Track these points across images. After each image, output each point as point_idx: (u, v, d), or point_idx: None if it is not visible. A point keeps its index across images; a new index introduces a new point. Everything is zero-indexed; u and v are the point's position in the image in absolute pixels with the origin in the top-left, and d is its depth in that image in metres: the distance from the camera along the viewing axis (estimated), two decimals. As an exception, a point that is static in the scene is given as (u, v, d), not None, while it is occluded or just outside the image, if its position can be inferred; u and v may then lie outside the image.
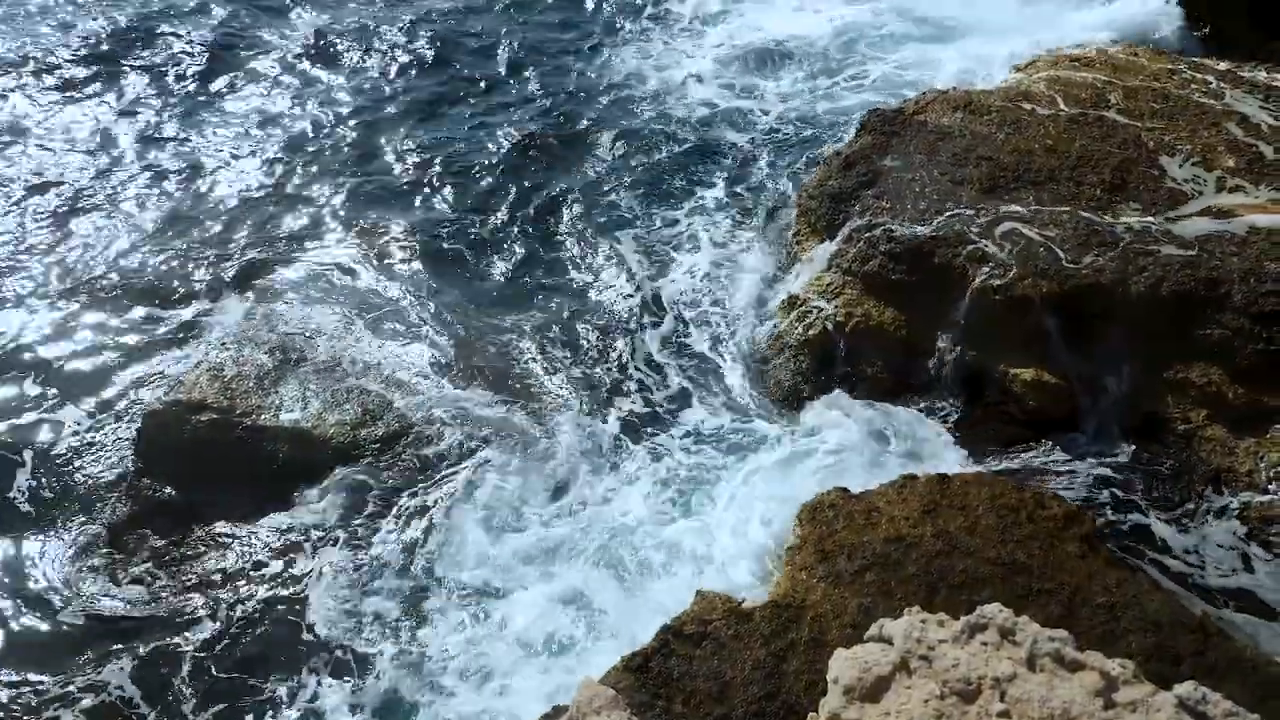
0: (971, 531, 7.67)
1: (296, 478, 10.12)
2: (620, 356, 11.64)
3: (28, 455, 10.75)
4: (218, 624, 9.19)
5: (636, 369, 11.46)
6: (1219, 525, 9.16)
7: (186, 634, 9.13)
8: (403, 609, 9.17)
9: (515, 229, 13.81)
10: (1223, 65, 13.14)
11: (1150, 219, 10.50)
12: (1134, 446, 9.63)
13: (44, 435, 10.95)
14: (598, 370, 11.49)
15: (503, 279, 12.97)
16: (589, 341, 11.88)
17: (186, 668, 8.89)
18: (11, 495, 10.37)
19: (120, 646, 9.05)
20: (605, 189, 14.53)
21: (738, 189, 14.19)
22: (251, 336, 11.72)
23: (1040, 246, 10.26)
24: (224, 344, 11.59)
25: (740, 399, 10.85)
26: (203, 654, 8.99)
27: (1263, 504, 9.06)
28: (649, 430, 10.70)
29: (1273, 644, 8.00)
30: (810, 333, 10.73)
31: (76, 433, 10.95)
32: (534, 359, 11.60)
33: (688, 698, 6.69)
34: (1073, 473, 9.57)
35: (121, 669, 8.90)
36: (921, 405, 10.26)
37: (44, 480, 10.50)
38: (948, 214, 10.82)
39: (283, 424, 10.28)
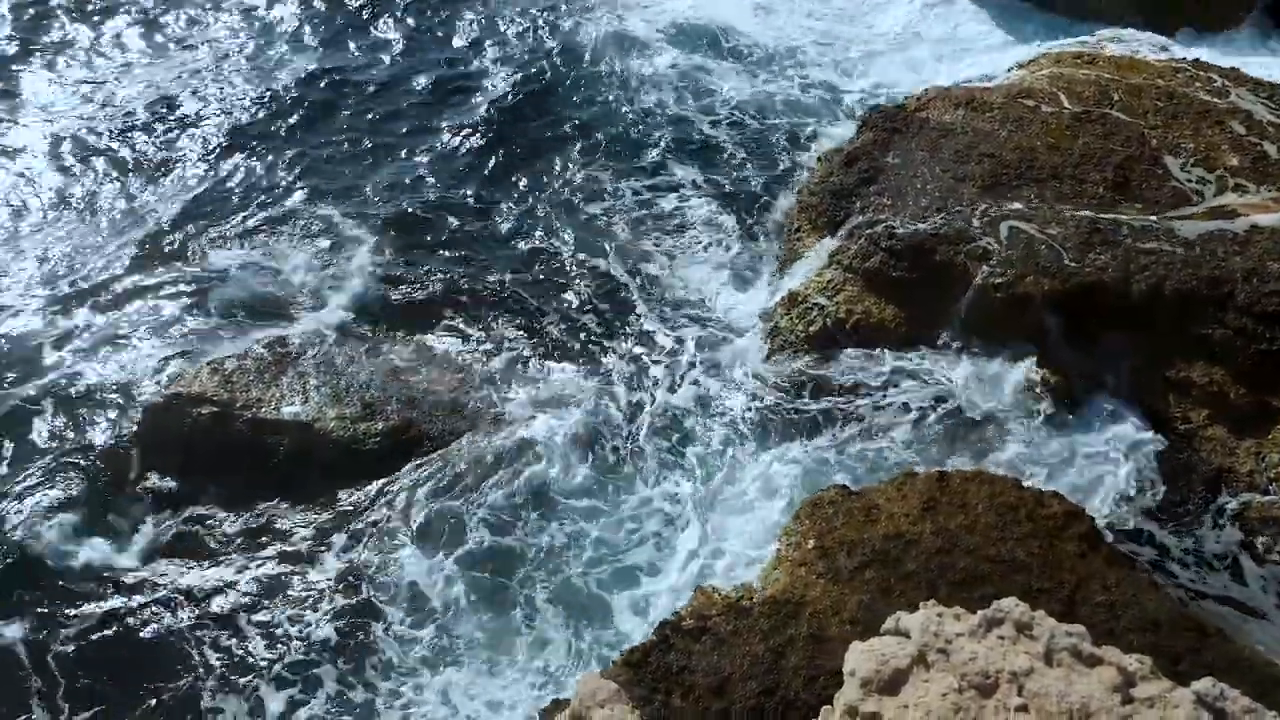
0: (971, 529, 7.67)
1: (296, 471, 10.12)
2: (619, 347, 11.66)
3: (31, 444, 10.76)
4: (211, 612, 9.26)
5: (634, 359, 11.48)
6: (1218, 525, 9.16)
7: (173, 621, 9.21)
8: (402, 606, 9.23)
9: (498, 221, 13.73)
10: (1227, 63, 13.13)
11: (1153, 218, 10.49)
12: (1132, 445, 9.61)
13: (48, 424, 10.95)
14: (597, 368, 11.49)
15: (489, 274, 12.85)
16: (586, 343, 11.86)
17: (169, 652, 8.98)
18: (13, 481, 10.39)
19: (109, 630, 9.13)
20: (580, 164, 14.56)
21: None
22: (251, 330, 11.78)
23: (1042, 244, 10.25)
24: (225, 338, 11.63)
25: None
26: (192, 639, 9.05)
27: (1263, 504, 9.06)
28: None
29: (1270, 644, 8.00)
30: (811, 329, 10.72)
31: (79, 423, 10.95)
32: (525, 355, 11.65)
33: (686, 692, 6.70)
34: (1070, 470, 9.56)
35: (103, 647, 9.03)
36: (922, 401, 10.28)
37: (46, 467, 10.50)
38: (949, 211, 10.81)
39: (283, 418, 10.28)
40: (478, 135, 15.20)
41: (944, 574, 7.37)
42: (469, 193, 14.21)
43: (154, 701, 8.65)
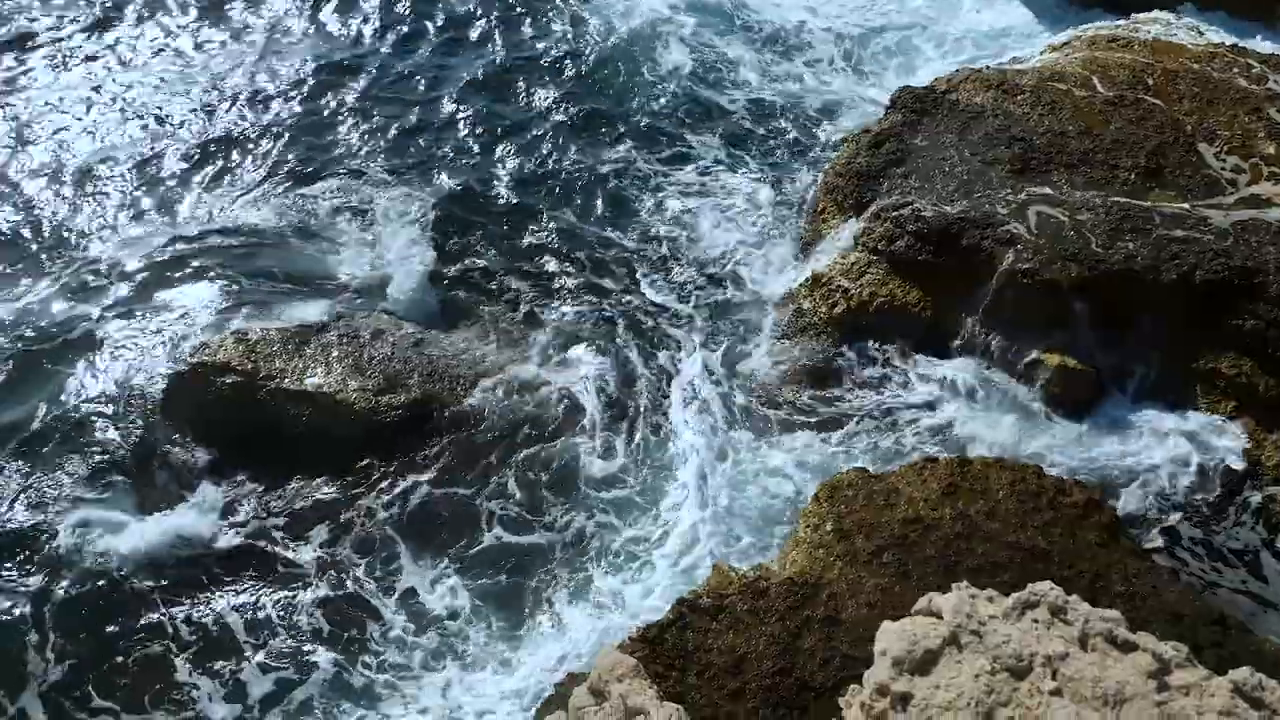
0: (991, 515, 7.64)
1: (317, 442, 10.17)
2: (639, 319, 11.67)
3: (60, 405, 10.88)
4: (225, 578, 9.40)
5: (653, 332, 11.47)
6: (1240, 520, 9.07)
7: (182, 582, 9.35)
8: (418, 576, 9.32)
9: (525, 195, 13.70)
10: (1267, 50, 12.89)
11: (1185, 205, 10.34)
12: (1158, 436, 9.52)
13: (74, 387, 11.07)
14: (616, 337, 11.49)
15: (516, 243, 12.89)
16: (608, 318, 11.85)
17: (179, 612, 9.10)
18: (39, 442, 10.51)
19: (119, 596, 9.24)
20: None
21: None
22: (277, 302, 11.85)
23: (1071, 230, 10.13)
24: (250, 309, 11.70)
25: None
26: (204, 605, 9.18)
27: (1288, 497, 8.97)
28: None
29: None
30: (834, 311, 10.66)
31: (105, 387, 11.07)
32: (549, 326, 11.68)
33: (702, 670, 6.71)
34: (1093, 460, 9.48)
35: (108, 609, 9.15)
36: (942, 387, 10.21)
37: (73, 428, 10.62)
38: (977, 195, 10.70)
39: (306, 389, 10.32)
40: (511, 112, 15.16)
41: (963, 559, 7.35)
42: (500, 169, 14.18)
43: (159, 660, 8.79)
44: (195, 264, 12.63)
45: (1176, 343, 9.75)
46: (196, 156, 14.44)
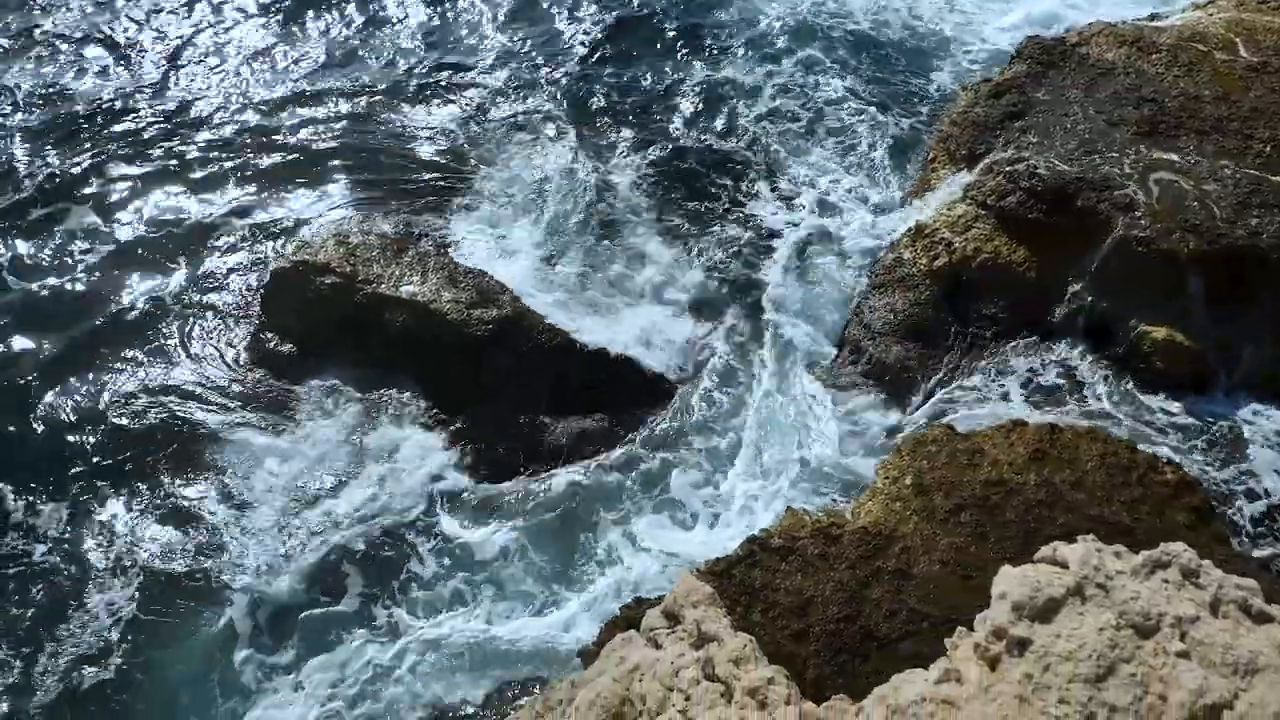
0: (1077, 485, 7.46)
1: (408, 349, 10.39)
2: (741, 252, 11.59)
3: (161, 293, 11.33)
4: (310, 472, 9.75)
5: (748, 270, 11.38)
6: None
7: (265, 476, 9.73)
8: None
9: (634, 111, 13.64)
10: None
11: (1322, 183, 9.77)
12: (1264, 422, 9.15)
13: (180, 276, 11.51)
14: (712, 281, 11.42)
15: (621, 169, 12.83)
16: (704, 247, 11.77)
17: (257, 503, 9.51)
18: (138, 330, 11.01)
19: (209, 472, 9.72)
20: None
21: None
22: (380, 206, 12.07)
23: (1194, 200, 9.67)
24: (354, 211, 11.95)
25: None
26: (285, 496, 9.57)
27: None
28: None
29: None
30: (935, 264, 10.40)
31: (212, 275, 11.48)
32: (645, 250, 11.71)
33: (767, 608, 6.76)
34: (1192, 440, 9.17)
35: (198, 489, 9.61)
36: (1040, 350, 9.94)
37: (179, 314, 11.09)
38: (1098, 155, 10.26)
39: (400, 295, 10.51)
40: (628, 32, 15.06)
41: (1043, 527, 7.21)
42: (611, 82, 14.12)
43: (234, 545, 9.23)
44: (305, 166, 12.92)
45: (1296, 327, 9.31)
46: (317, 63, 14.64)
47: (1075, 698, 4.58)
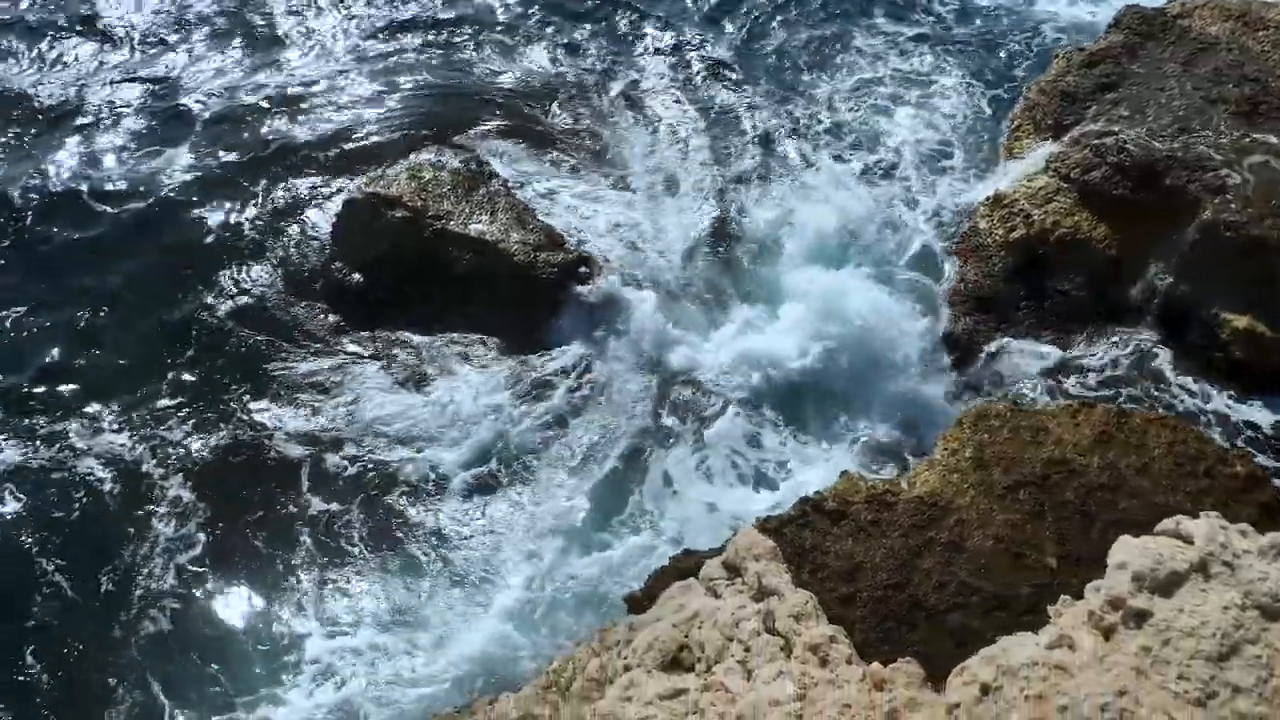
0: (1142, 472, 7.30)
1: (473, 285, 10.46)
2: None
3: (247, 212, 11.52)
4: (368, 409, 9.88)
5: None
6: None
7: (338, 403, 9.88)
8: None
9: (733, 63, 13.49)
10: None
11: None
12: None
13: (256, 197, 11.67)
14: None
15: (717, 125, 12.72)
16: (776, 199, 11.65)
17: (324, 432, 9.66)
18: (220, 247, 11.25)
19: (274, 395, 9.92)
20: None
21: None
22: (451, 141, 12.10)
23: (1291, 186, 9.31)
24: (426, 146, 11.99)
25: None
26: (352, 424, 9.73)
27: None
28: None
29: None
30: (1011, 235, 10.16)
31: (287, 202, 11.64)
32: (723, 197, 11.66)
33: (816, 570, 6.76)
34: (1263, 435, 8.92)
35: (267, 413, 9.83)
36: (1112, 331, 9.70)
37: (251, 239, 11.27)
38: (1192, 134, 9.89)
39: (469, 233, 10.56)
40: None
41: (1103, 511, 7.08)
42: (712, 36, 13.92)
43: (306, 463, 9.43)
44: (382, 100, 12.96)
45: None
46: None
47: (1196, 675, 4.54)
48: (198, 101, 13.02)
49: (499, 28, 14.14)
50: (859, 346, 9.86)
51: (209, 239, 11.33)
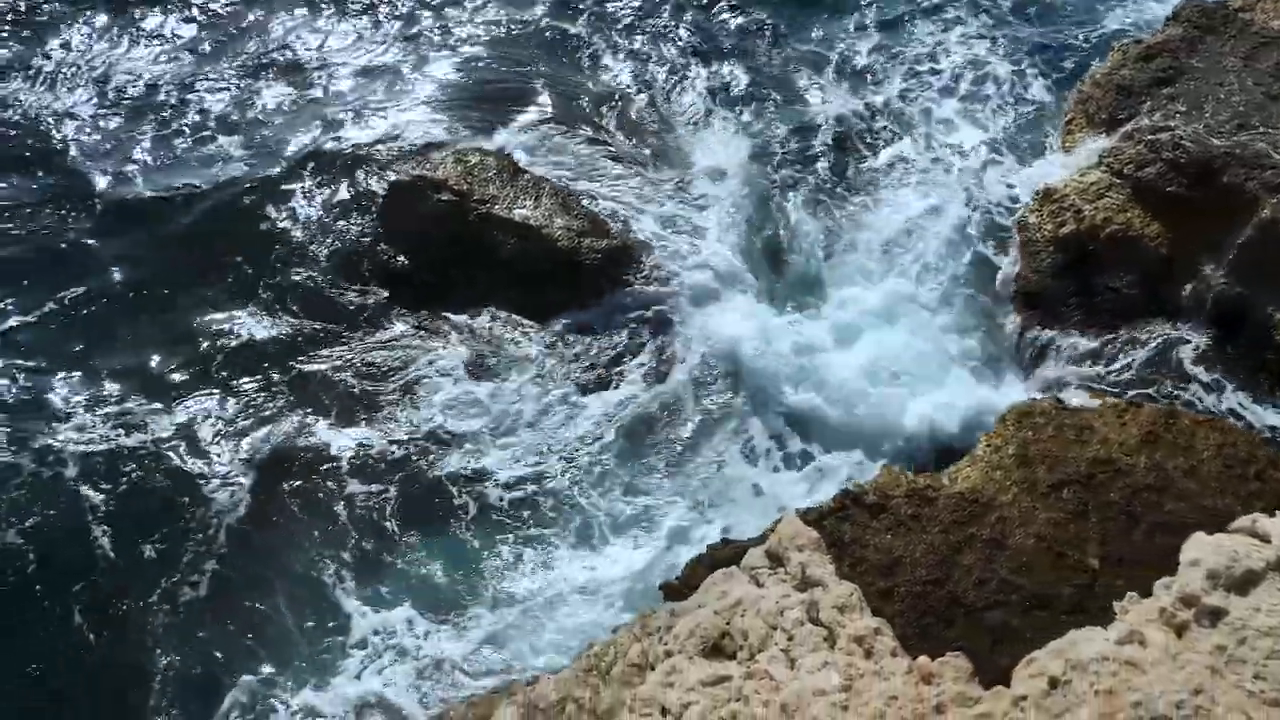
0: (1190, 474, 7.19)
1: (516, 269, 10.51)
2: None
3: (286, 198, 11.65)
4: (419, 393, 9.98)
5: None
6: None
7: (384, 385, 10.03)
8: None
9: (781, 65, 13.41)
10: None
11: None
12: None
13: (304, 182, 11.79)
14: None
15: (759, 120, 12.65)
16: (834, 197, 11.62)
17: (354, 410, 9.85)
18: (269, 227, 11.38)
19: (325, 375, 10.09)
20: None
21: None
22: (498, 127, 12.15)
23: (1353, 187, 9.08)
24: (472, 133, 12.05)
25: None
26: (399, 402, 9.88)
27: None
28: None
29: None
30: (1061, 231, 10.01)
31: (334, 183, 11.74)
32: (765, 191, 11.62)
33: (855, 563, 6.74)
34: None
35: (315, 390, 9.99)
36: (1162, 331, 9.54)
37: (300, 221, 11.38)
38: (1251, 130, 9.68)
39: (514, 218, 10.61)
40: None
41: (1148, 513, 7.00)
42: (757, 33, 13.85)
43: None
44: (427, 86, 13.03)
45: None
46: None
47: (1274, 675, 4.51)
48: (243, 91, 13.12)
49: (559, 21, 14.10)
50: (905, 343, 9.84)
51: (261, 224, 11.43)
